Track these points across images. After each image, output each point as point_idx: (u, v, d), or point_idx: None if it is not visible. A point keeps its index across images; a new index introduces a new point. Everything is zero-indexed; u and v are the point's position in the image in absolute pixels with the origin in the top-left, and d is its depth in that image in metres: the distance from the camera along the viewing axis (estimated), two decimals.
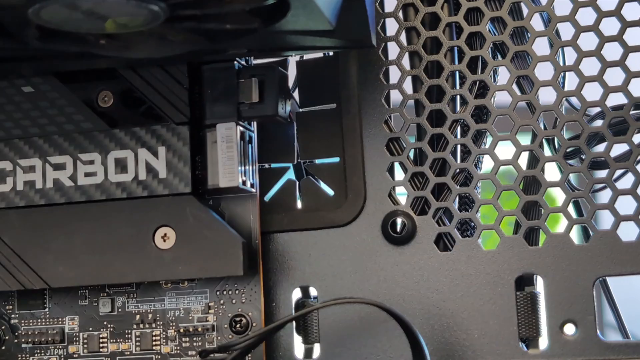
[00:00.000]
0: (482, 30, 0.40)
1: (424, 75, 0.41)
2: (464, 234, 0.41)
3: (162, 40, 0.36)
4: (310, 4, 0.32)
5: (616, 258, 0.37)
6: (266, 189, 0.43)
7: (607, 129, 0.38)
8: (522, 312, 0.39)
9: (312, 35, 0.36)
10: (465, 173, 0.40)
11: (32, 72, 0.41)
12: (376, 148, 0.41)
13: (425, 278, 0.40)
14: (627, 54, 0.38)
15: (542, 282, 0.38)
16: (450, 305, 0.39)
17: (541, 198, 0.39)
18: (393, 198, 0.41)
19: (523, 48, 0.39)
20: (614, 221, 0.38)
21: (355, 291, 0.41)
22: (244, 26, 0.35)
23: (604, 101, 0.38)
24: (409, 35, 0.41)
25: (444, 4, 0.40)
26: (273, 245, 0.42)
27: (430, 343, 0.39)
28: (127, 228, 0.40)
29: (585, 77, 0.38)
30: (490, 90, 0.40)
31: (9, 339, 0.44)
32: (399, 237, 0.40)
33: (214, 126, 0.40)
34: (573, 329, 0.38)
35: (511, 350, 0.38)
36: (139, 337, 0.42)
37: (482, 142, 0.41)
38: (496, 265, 0.39)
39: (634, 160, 0.38)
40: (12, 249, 0.41)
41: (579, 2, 0.38)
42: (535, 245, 0.39)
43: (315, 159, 0.43)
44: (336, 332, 0.41)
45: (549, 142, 0.39)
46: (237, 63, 0.41)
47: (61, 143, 0.42)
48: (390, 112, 0.41)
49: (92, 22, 0.33)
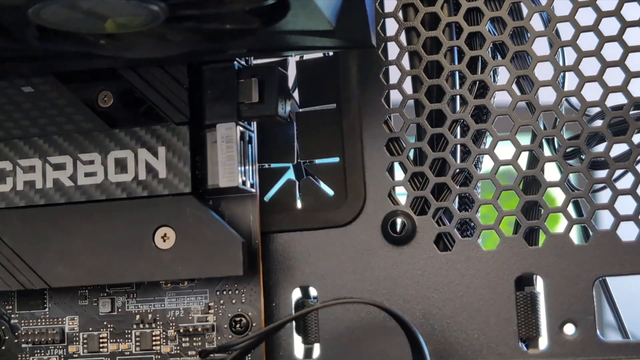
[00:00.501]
0: (481, 31, 0.40)
1: (423, 76, 0.41)
2: (463, 234, 0.41)
3: (162, 40, 0.36)
4: (310, 4, 0.32)
5: (616, 258, 0.37)
6: (266, 189, 0.43)
7: (606, 129, 0.38)
8: (522, 312, 0.39)
9: (312, 35, 0.36)
10: (465, 173, 0.40)
11: (32, 72, 0.41)
12: (376, 148, 0.41)
13: (425, 278, 0.40)
14: (626, 54, 0.38)
15: (541, 282, 0.38)
16: (450, 305, 0.39)
17: (541, 198, 0.39)
18: (393, 198, 0.41)
19: (523, 48, 0.39)
20: (613, 221, 0.38)
21: (355, 291, 0.41)
22: (244, 26, 0.35)
23: (603, 101, 0.38)
24: (408, 35, 0.41)
25: (444, 4, 0.40)
26: (273, 245, 0.42)
27: (430, 343, 0.39)
28: (127, 228, 0.40)
29: (585, 77, 0.38)
30: (490, 90, 0.40)
31: (9, 339, 0.44)
32: (398, 237, 0.40)
33: (213, 126, 0.40)
34: (573, 329, 0.38)
35: (511, 350, 0.38)
36: (139, 337, 0.42)
37: (482, 142, 0.41)
38: (496, 265, 0.39)
39: (634, 160, 0.38)
40: (12, 249, 0.41)
41: (578, 2, 0.38)
42: (535, 245, 0.39)
43: (315, 159, 0.43)
44: (336, 332, 0.41)
45: (548, 142, 0.39)
46: (237, 63, 0.41)
47: (61, 143, 0.42)
48: (390, 112, 0.41)
49: (92, 22, 0.33)
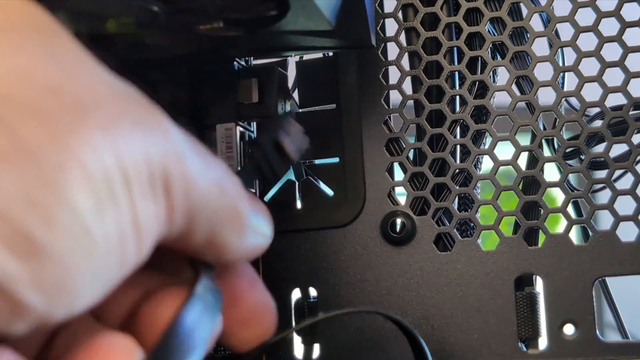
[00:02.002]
0: (481, 31, 0.40)
1: (423, 76, 0.41)
2: (463, 234, 0.41)
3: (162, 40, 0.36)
4: (310, 4, 0.32)
5: (616, 258, 0.37)
6: (266, 189, 0.43)
7: (606, 129, 0.38)
8: (522, 313, 0.39)
9: (312, 36, 0.36)
10: (464, 173, 0.40)
11: None
12: (376, 148, 0.41)
13: (425, 278, 0.40)
14: (626, 54, 0.38)
15: (541, 282, 0.38)
16: (450, 306, 0.39)
17: (540, 198, 0.39)
18: (393, 198, 0.41)
19: (522, 48, 0.39)
20: (613, 221, 0.38)
21: (354, 291, 0.41)
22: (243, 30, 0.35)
23: (603, 101, 0.38)
24: (408, 35, 0.41)
25: (444, 4, 0.40)
26: (273, 245, 0.42)
27: (430, 343, 0.39)
28: None
29: (584, 78, 0.38)
30: (489, 90, 0.40)
31: None
32: (398, 237, 0.40)
33: (213, 126, 0.40)
34: (572, 329, 0.38)
35: (511, 351, 0.38)
36: None
37: (481, 143, 0.41)
38: (496, 266, 0.39)
39: (634, 161, 0.38)
40: None
41: (578, 2, 0.38)
42: (535, 246, 0.39)
43: (315, 159, 0.43)
44: (336, 332, 0.41)
45: (548, 142, 0.39)
46: (236, 63, 0.41)
47: None
48: (389, 113, 0.41)
49: (93, 22, 0.33)
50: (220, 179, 0.27)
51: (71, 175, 0.21)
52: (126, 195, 0.23)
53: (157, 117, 0.25)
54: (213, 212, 0.27)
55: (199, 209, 0.26)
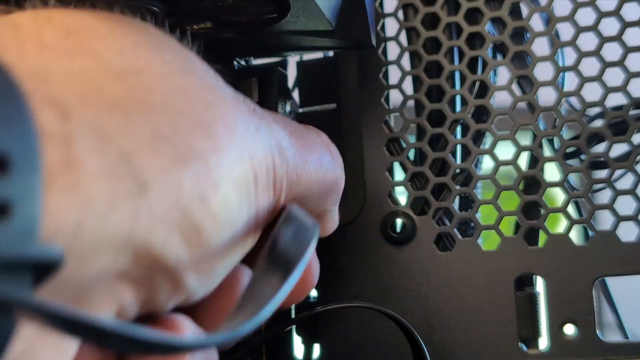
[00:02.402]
0: (481, 31, 0.40)
1: (423, 76, 0.41)
2: (463, 234, 0.41)
3: None
4: (310, 4, 0.32)
5: (616, 258, 0.37)
6: None
7: (606, 129, 0.38)
8: (522, 313, 0.39)
9: (312, 36, 0.36)
10: (465, 173, 0.40)
11: None
12: (376, 148, 0.41)
13: (425, 278, 0.40)
14: (627, 54, 0.38)
15: (542, 282, 0.38)
16: (450, 306, 0.39)
17: (541, 198, 0.39)
18: (393, 198, 0.41)
19: (523, 48, 0.39)
20: (613, 221, 0.38)
21: (354, 291, 0.41)
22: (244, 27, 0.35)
23: (603, 101, 0.38)
24: (409, 35, 0.41)
25: (444, 4, 0.40)
26: None
27: (430, 343, 0.39)
28: None
29: (585, 77, 0.38)
30: (490, 90, 0.40)
31: None
32: (398, 237, 0.40)
33: None
34: (573, 329, 0.38)
35: (511, 351, 0.38)
36: None
37: (482, 142, 0.41)
38: (496, 266, 0.39)
39: (634, 161, 0.38)
40: None
41: (578, 2, 0.38)
42: (535, 246, 0.39)
43: None
44: (336, 331, 0.41)
45: (548, 142, 0.39)
46: (236, 63, 0.41)
47: None
48: (390, 112, 0.41)
49: None
50: (320, 158, 0.31)
51: (228, 176, 0.24)
52: (254, 191, 0.26)
53: (263, 117, 0.28)
54: (317, 193, 0.31)
55: (301, 195, 0.29)
